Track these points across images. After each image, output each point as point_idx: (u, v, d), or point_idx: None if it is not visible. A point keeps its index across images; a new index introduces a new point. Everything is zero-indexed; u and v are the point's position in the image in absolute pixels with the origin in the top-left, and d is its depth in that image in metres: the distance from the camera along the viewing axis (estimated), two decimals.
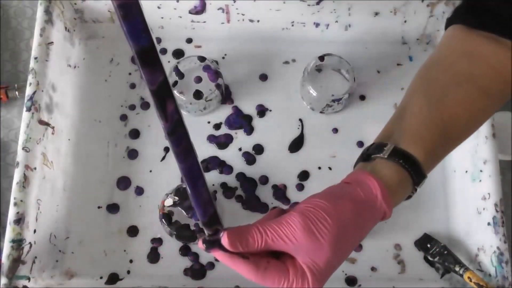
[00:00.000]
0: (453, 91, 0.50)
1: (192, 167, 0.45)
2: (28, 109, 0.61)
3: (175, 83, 0.70)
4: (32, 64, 0.63)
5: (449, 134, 0.50)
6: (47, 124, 0.64)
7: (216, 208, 0.47)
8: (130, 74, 0.73)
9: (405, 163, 0.47)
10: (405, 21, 0.71)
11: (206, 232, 0.46)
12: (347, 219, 0.45)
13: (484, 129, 0.62)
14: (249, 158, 0.69)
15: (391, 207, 0.47)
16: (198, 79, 0.71)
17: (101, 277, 0.64)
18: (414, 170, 0.48)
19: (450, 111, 0.49)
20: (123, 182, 0.68)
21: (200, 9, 0.70)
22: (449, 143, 0.51)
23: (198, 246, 0.46)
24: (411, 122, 0.50)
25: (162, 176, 0.68)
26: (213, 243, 0.46)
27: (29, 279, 0.58)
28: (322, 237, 0.44)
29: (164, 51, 0.74)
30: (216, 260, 0.64)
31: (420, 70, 0.54)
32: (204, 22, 0.72)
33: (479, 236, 0.61)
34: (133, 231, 0.66)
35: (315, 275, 0.44)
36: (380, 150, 0.48)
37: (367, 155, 0.50)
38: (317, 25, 0.72)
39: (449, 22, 0.55)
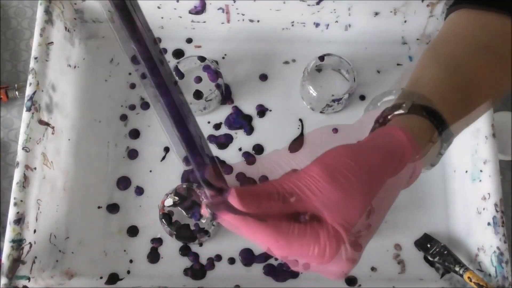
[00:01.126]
0: (470, 59, 0.46)
1: (177, 100, 0.37)
2: (28, 109, 0.61)
3: (175, 83, 0.70)
4: (32, 64, 0.63)
5: (471, 98, 0.45)
6: (47, 124, 0.64)
7: (215, 159, 0.38)
8: (130, 74, 0.73)
9: (427, 114, 0.41)
10: (405, 21, 0.71)
11: (208, 193, 0.38)
12: (374, 164, 0.37)
13: (484, 129, 0.62)
14: (249, 158, 0.69)
15: (418, 151, 0.40)
16: (198, 79, 0.71)
17: (101, 277, 0.64)
18: (438, 122, 0.42)
19: (469, 77, 0.45)
20: (123, 182, 0.68)
21: (200, 9, 0.70)
22: (471, 106, 0.46)
23: (202, 213, 0.39)
24: (428, 84, 0.44)
25: (162, 176, 0.68)
26: (219, 205, 0.37)
27: (29, 279, 0.58)
28: (351, 186, 0.36)
29: (164, 51, 0.74)
30: (217, 260, 0.65)
31: (426, 49, 0.49)
32: (204, 22, 0.72)
33: (479, 236, 0.61)
34: (133, 231, 0.66)
35: (353, 236, 0.37)
36: (397, 107, 0.43)
37: (383, 118, 0.44)
38: (317, 25, 0.72)
39: (451, 10, 0.52)
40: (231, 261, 0.65)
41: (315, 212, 0.37)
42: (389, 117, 0.44)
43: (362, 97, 0.72)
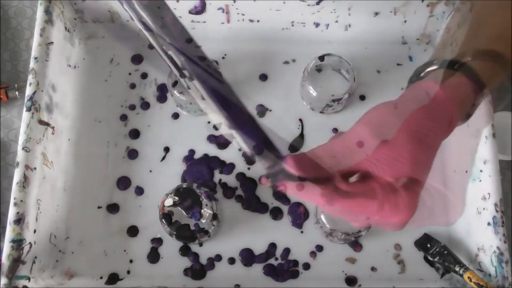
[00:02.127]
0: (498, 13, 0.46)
1: (220, 85, 0.41)
2: (28, 109, 0.61)
3: (175, 83, 0.70)
4: (32, 64, 0.63)
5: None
6: (47, 124, 0.64)
7: (265, 132, 0.42)
8: (130, 74, 0.73)
9: (459, 67, 0.42)
10: (405, 21, 0.71)
11: (265, 165, 0.41)
12: (416, 118, 0.39)
13: (484, 129, 0.62)
14: (249, 158, 0.69)
15: (456, 104, 0.41)
16: None
17: (101, 277, 0.64)
18: (471, 75, 0.42)
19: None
20: (123, 182, 0.68)
21: (200, 9, 0.70)
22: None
23: (262, 184, 0.43)
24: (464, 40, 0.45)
25: (162, 176, 0.68)
26: (277, 174, 0.40)
27: (29, 279, 0.58)
28: (396, 140, 0.39)
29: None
30: (217, 260, 0.65)
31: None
32: (204, 22, 0.72)
33: (479, 236, 0.61)
34: (133, 231, 0.66)
35: (406, 185, 0.38)
36: (430, 64, 0.44)
37: (416, 77, 0.46)
38: (317, 25, 0.72)
39: None
40: (231, 261, 0.65)
41: (366, 170, 0.39)
42: (421, 74, 0.45)
43: (362, 97, 0.72)
